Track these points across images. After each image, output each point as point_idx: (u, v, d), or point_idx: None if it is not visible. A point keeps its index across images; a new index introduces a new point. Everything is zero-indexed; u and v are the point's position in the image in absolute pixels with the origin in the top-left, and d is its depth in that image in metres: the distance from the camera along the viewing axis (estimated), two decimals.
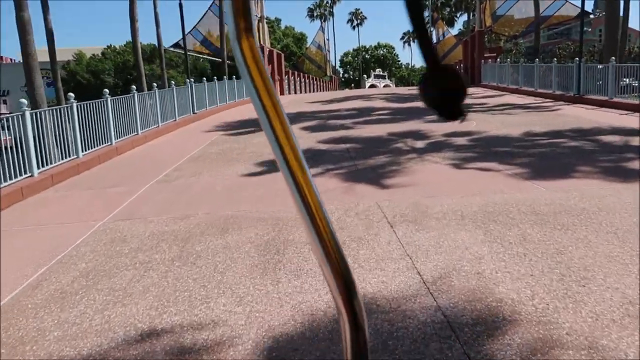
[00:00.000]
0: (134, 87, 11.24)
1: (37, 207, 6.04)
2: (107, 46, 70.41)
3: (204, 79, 19.61)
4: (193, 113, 15.82)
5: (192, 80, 16.41)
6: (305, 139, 9.97)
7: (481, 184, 5.82)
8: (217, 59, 29.11)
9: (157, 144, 10.96)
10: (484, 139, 8.96)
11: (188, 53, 33.00)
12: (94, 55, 64.79)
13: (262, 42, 28.39)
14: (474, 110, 13.87)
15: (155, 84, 14.97)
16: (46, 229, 5.09)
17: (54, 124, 8.12)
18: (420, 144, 8.80)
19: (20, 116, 6.86)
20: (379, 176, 6.48)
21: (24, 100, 7.15)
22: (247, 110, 17.92)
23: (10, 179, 6.45)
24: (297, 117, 14.55)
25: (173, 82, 18.89)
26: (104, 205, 5.83)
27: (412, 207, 5.00)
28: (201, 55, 32.80)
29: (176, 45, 30.86)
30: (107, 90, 10.35)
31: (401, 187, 5.86)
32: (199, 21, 30.30)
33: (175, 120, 13.94)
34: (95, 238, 4.67)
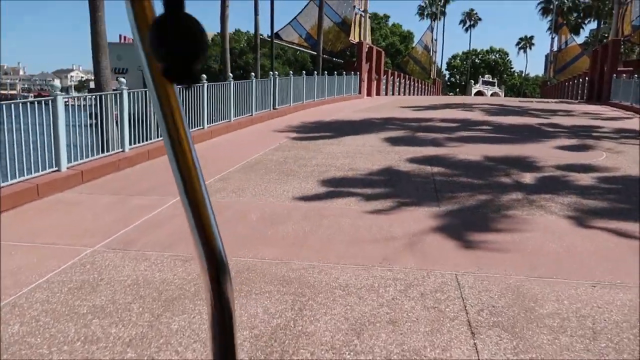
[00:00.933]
0: (204, 76, 10.30)
1: (40, 212, 5.11)
2: (217, 33, 73.34)
3: (303, 72, 18.57)
4: (273, 108, 14.78)
5: (277, 73, 15.37)
6: (383, 155, 8.35)
7: (623, 260, 3.89)
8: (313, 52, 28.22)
9: (219, 142, 9.95)
10: (619, 180, 6.74)
11: (288, 45, 32.62)
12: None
13: (361, 37, 26.93)
14: (601, 135, 11.30)
15: (252, 74, 14.19)
16: (20, 250, 4.05)
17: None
18: (528, 177, 6.81)
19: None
20: (466, 225, 4.74)
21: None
22: (333, 110, 16.57)
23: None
24: (382, 124, 12.91)
25: (272, 73, 18.24)
26: (111, 222, 4.73)
27: (510, 296, 3.26)
28: (299, 49, 32.07)
29: (276, 36, 30.45)
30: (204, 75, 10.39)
31: (496, 252, 4.08)
32: (301, 11, 29.55)
33: (251, 115, 12.96)
34: (65, 277, 3.51)
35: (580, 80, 30.14)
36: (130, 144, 7.64)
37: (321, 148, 9.06)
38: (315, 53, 24.98)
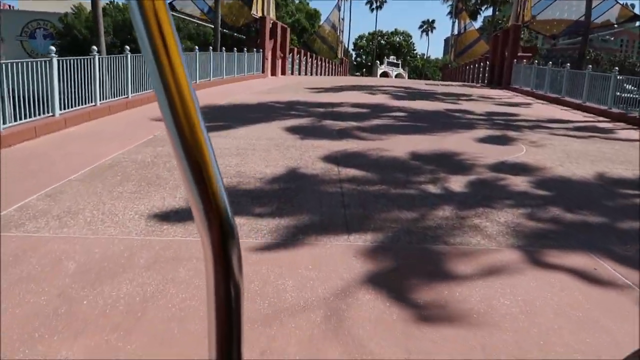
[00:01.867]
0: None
1: None
2: (110, 2, 66.80)
3: (196, 48, 16.33)
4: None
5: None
6: (281, 151, 6.82)
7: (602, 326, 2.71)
8: (209, 26, 25.70)
9: (74, 134, 7.79)
10: (551, 184, 5.81)
11: (185, 18, 29.66)
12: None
13: (264, 12, 24.95)
14: (514, 124, 10.69)
15: (127, 47, 11.71)
16: None
17: None
18: (457, 183, 5.64)
19: None
20: (385, 279, 3.36)
21: None
22: (231, 91, 14.70)
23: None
24: (285, 109, 11.37)
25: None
26: None
27: None
28: (196, 21, 29.31)
29: (170, 6, 27.43)
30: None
31: (444, 326, 2.73)
32: None
33: (127, 97, 10.76)
34: None
35: (482, 64, 30.71)
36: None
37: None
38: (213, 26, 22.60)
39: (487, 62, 29.07)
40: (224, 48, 18.68)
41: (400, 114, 11.48)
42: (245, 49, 21.23)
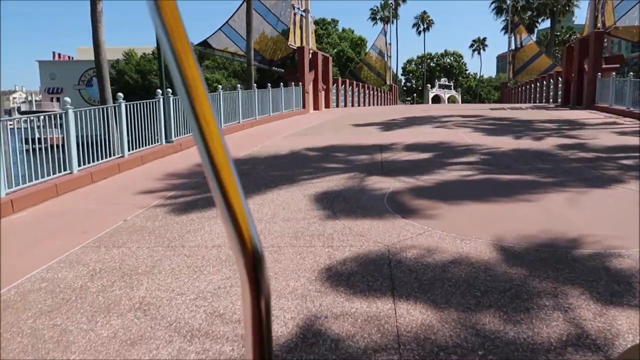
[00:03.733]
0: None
1: None
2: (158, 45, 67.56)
3: (219, 87, 14.20)
4: (166, 141, 10.45)
5: (170, 91, 11.03)
6: (300, 247, 4.13)
7: None
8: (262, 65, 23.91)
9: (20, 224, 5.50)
10: None
11: (220, 55, 28.23)
12: (144, 54, 62.06)
13: (303, 41, 22.88)
14: None
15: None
16: None
17: None
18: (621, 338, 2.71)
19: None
20: None
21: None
22: (260, 135, 12.30)
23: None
24: (320, 159, 8.73)
25: (163, 90, 13.86)
26: None
27: None
28: (232, 58, 27.75)
29: (204, 44, 26.05)
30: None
31: None
32: (233, 15, 25.24)
33: (122, 156, 8.55)
34: None
35: (552, 80, 27.06)
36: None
37: (194, 231, 4.80)
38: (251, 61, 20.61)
39: (558, 79, 25.44)
40: (254, 85, 16.52)
41: (479, 158, 8.56)
42: (282, 83, 19.02)
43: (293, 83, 20.48)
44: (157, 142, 10.21)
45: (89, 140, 7.83)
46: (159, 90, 10.55)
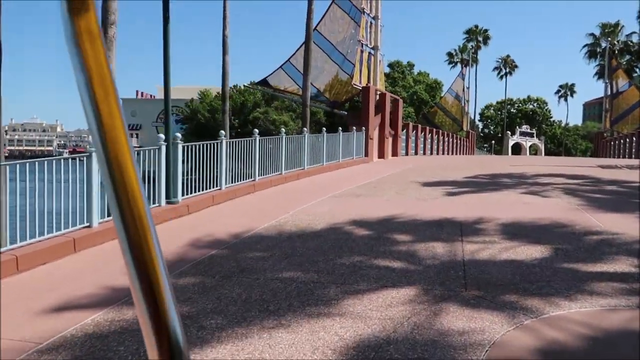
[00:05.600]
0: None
1: None
2: (233, 85, 68.54)
3: (256, 132, 11.70)
4: (173, 198, 7.88)
5: (180, 137, 8.58)
6: None
7: None
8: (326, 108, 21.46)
9: None
10: None
11: (278, 95, 26.29)
12: (218, 94, 62.84)
13: (370, 80, 20.24)
14: None
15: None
16: None
17: None
18: None
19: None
20: None
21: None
22: (302, 193, 9.46)
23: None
24: (367, 246, 5.61)
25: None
26: None
27: None
28: (289, 98, 25.69)
29: (263, 82, 24.21)
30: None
31: None
32: (296, 52, 23.22)
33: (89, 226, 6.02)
34: None
35: None
36: None
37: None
38: (320, 103, 18.14)
39: None
40: (305, 129, 13.90)
41: (629, 263, 5.12)
42: (340, 128, 16.30)
43: (354, 128, 17.72)
44: (155, 202, 7.67)
45: None
46: (161, 135, 8.12)
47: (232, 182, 9.91)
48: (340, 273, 4.78)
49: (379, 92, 20.68)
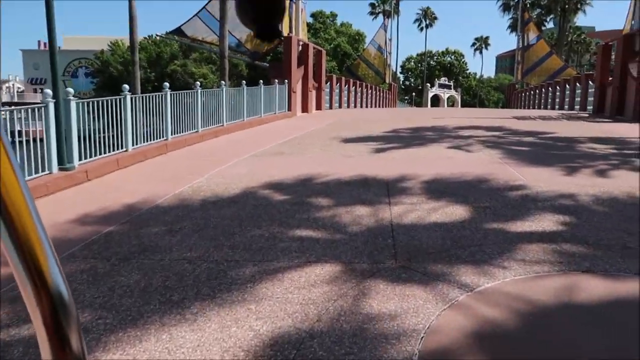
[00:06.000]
0: None
1: None
2: (147, 36, 63.75)
3: (166, 86, 10.56)
4: (61, 167, 6.85)
5: (70, 92, 7.46)
6: None
7: None
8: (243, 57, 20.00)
9: None
10: None
11: (193, 44, 24.52)
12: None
13: (292, 30, 19.27)
14: None
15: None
16: None
17: None
18: None
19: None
20: None
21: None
22: (218, 154, 8.69)
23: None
24: (286, 212, 5.06)
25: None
26: None
27: None
28: (208, 49, 24.08)
29: (178, 31, 22.35)
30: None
31: None
32: None
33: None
34: None
35: (578, 84, 23.56)
36: None
37: None
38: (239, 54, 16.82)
39: (588, 82, 21.96)
40: (222, 83, 12.91)
41: (559, 220, 5.03)
42: (261, 81, 15.40)
43: (277, 81, 16.87)
44: (45, 169, 6.62)
45: None
46: (70, 90, 7.00)
47: (141, 143, 8.91)
48: (258, 247, 4.24)
49: (301, 43, 19.79)
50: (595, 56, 77.45)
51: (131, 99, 8.48)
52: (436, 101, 65.61)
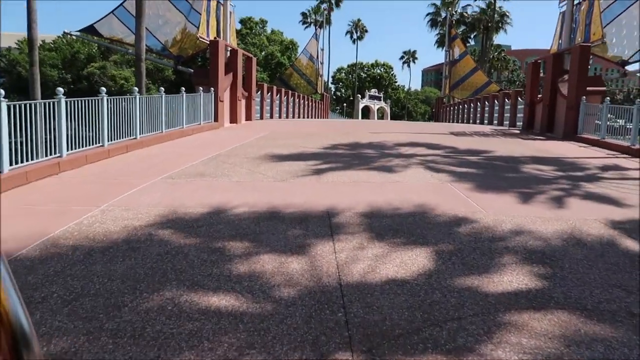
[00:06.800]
0: None
1: None
2: (64, 33, 58.83)
3: (60, 92, 8.78)
4: None
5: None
6: None
7: None
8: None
9: None
10: None
11: (110, 45, 22.32)
12: (43, 43, 53.16)
13: (220, 35, 17.82)
14: None
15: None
16: None
17: None
18: None
19: None
20: None
21: None
22: (113, 183, 7.14)
23: None
24: (186, 321, 3.75)
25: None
26: None
27: None
28: (121, 49, 21.99)
29: (90, 29, 20.12)
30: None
31: None
32: None
33: None
34: None
35: (507, 100, 23.96)
36: None
37: None
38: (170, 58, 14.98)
39: (517, 99, 22.32)
40: (135, 89, 11.26)
41: (525, 257, 4.13)
42: (183, 88, 13.85)
43: (201, 88, 15.36)
44: None
45: None
46: None
47: (23, 161, 7.18)
48: (154, 334, 2.92)
49: (230, 48, 18.37)
50: (513, 73, 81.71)
51: (8, 106, 6.75)
52: (367, 112, 66.06)
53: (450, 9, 59.12)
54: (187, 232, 4.92)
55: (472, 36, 63.49)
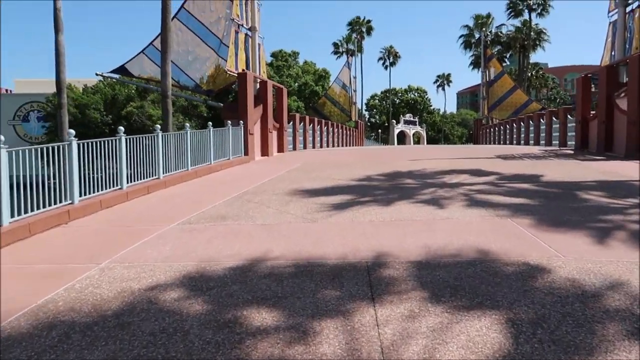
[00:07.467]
0: None
1: None
2: (96, 74, 60.46)
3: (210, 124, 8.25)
4: None
5: None
6: None
7: None
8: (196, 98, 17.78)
9: None
10: None
11: (143, 84, 22.33)
12: (85, 86, 55.19)
13: (249, 67, 17.37)
14: None
15: None
16: None
17: None
18: None
19: None
20: None
21: None
22: (119, 236, 6.35)
23: None
24: None
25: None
26: None
27: None
28: (152, 87, 21.89)
29: (121, 70, 20.13)
30: None
31: None
32: (159, 35, 19.47)
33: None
34: None
35: (555, 119, 22.40)
36: None
37: None
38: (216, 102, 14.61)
39: (569, 116, 20.78)
40: (158, 127, 10.67)
41: None
42: (210, 123, 13.27)
43: (229, 122, 14.78)
44: None
45: None
46: None
47: (28, 212, 6.53)
48: None
49: (259, 80, 17.86)
50: (553, 90, 78.84)
51: (11, 152, 6.14)
52: (402, 137, 64.92)
53: (484, 29, 57.91)
54: (194, 297, 4.00)
55: (507, 55, 61.82)
